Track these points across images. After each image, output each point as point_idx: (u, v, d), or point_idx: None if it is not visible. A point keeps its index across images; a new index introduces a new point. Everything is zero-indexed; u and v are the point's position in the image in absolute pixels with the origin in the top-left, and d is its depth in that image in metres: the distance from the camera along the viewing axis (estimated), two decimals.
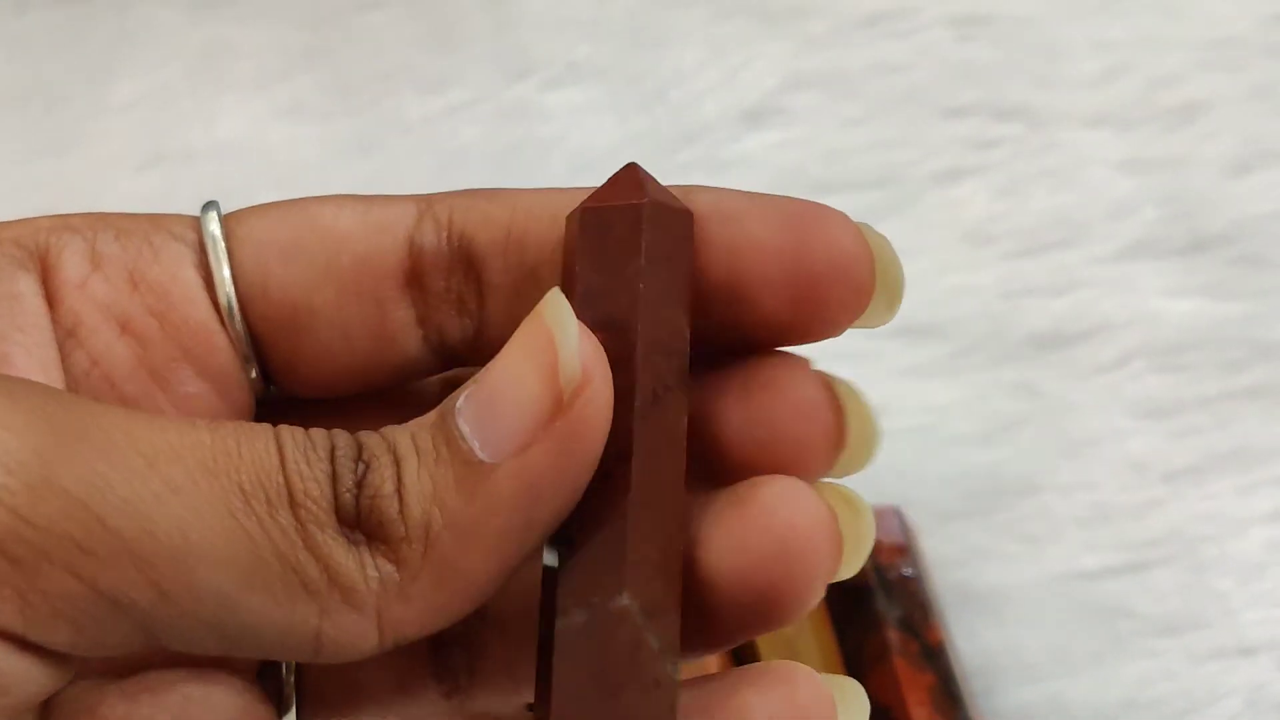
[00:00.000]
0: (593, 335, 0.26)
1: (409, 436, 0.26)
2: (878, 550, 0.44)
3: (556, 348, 0.26)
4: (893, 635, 0.43)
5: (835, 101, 0.57)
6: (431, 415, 0.26)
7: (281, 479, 0.26)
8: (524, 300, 0.28)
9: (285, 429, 0.26)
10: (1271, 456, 0.49)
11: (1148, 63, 0.58)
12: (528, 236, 0.30)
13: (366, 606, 0.26)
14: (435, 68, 0.59)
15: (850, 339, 0.52)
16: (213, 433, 0.26)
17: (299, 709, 0.31)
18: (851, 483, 0.49)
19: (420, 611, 0.26)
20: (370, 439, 0.26)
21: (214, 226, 0.30)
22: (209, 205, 0.30)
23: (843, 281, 0.28)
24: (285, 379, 0.31)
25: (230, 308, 0.30)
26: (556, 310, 0.26)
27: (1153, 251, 0.53)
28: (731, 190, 0.29)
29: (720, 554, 0.27)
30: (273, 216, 0.30)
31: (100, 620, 0.25)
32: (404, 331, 0.30)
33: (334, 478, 0.26)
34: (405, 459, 0.26)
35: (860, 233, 0.28)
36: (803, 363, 0.28)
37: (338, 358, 0.30)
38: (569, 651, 0.26)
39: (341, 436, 0.26)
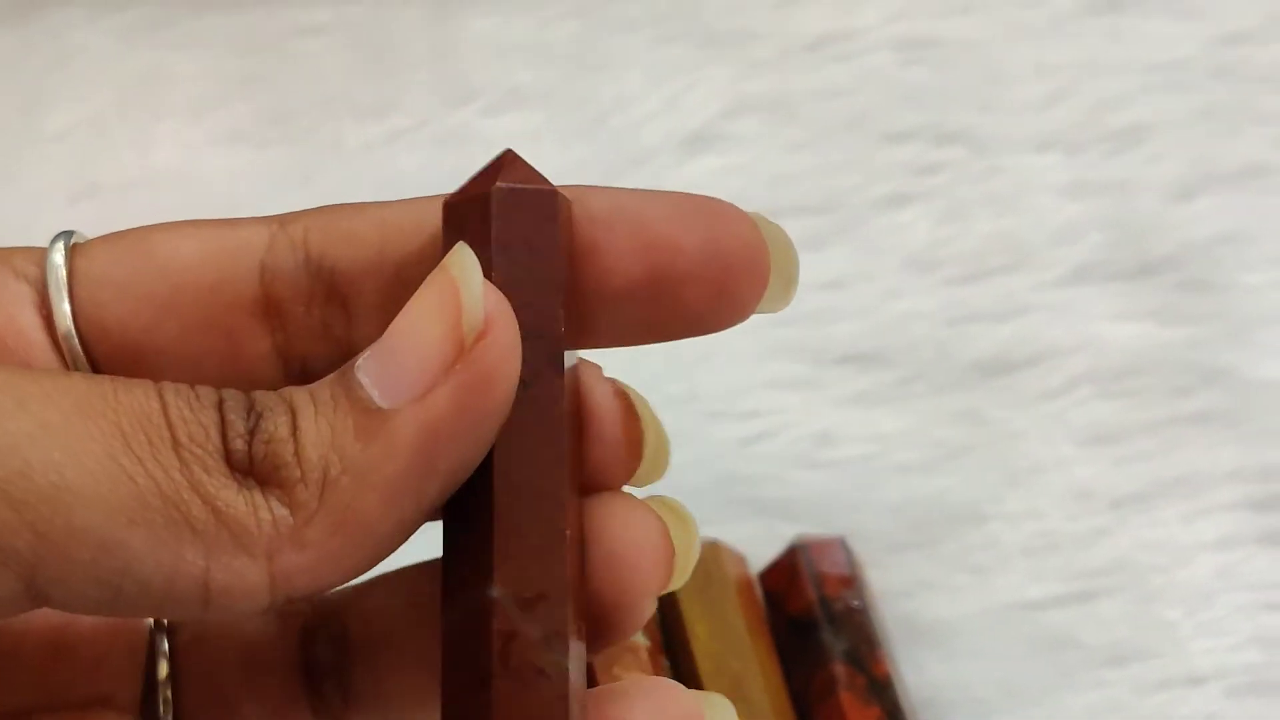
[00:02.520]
0: (498, 290, 0.26)
1: (306, 393, 0.26)
2: (824, 582, 0.44)
3: (460, 295, 0.26)
4: (839, 669, 0.43)
5: (778, 126, 0.57)
6: (331, 375, 0.26)
7: (164, 422, 0.25)
8: None
9: (166, 382, 0.26)
10: (1219, 482, 0.49)
11: (1092, 86, 0.58)
12: (405, 256, 0.29)
13: (257, 550, 0.25)
14: (375, 94, 0.59)
15: (793, 367, 0.52)
16: (87, 379, 0.25)
17: None
18: (798, 511, 0.49)
19: (315, 559, 0.26)
20: (262, 395, 0.26)
21: (58, 259, 0.29)
22: (59, 236, 0.29)
23: (750, 269, 0.29)
24: None
25: (72, 351, 0.29)
26: (461, 261, 0.26)
27: (1098, 276, 0.53)
28: (623, 190, 0.29)
29: None
30: (116, 249, 0.30)
31: None
32: (262, 363, 0.30)
33: (222, 424, 0.26)
34: (302, 409, 0.26)
35: (754, 221, 0.29)
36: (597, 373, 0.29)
37: None
38: (451, 646, 0.26)
39: (229, 391, 0.26)
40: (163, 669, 0.31)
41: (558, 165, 0.56)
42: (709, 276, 0.28)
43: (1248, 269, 0.53)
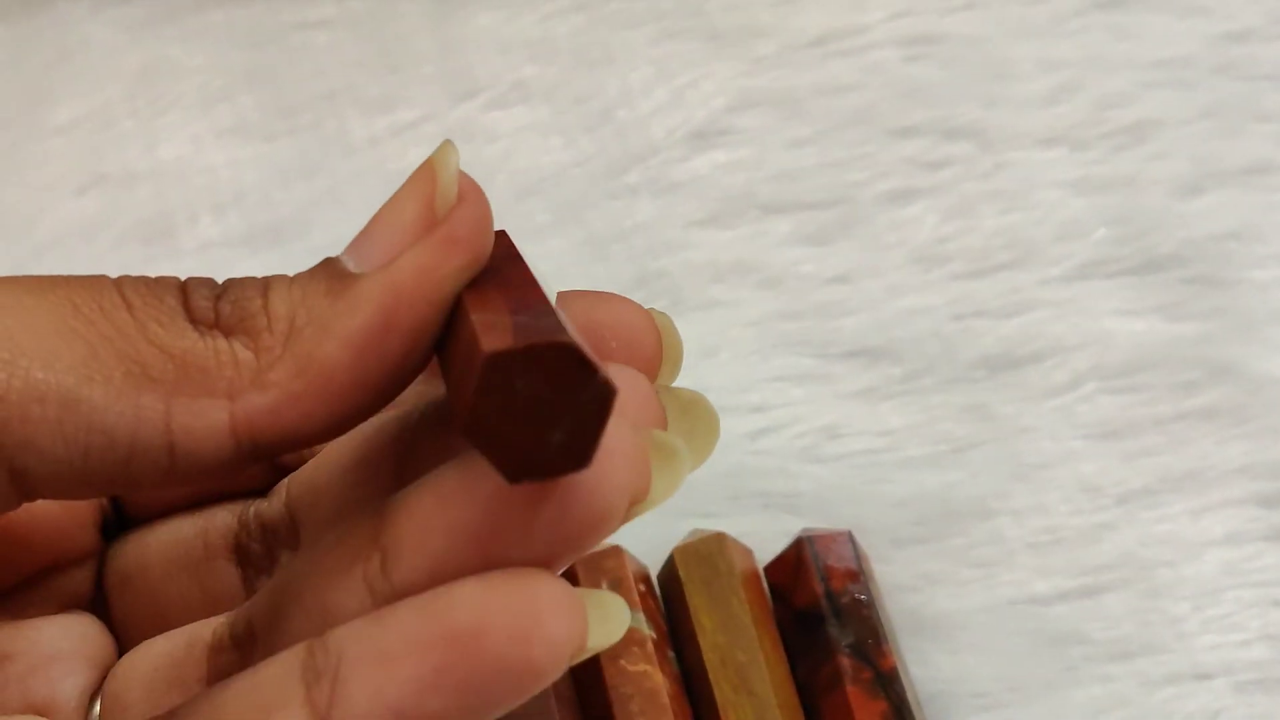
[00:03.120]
0: (471, 178, 0.28)
1: (284, 275, 0.28)
2: (830, 576, 0.44)
3: (436, 177, 0.28)
4: (845, 662, 0.43)
5: (784, 122, 0.57)
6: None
7: (116, 294, 0.26)
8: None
9: (124, 276, 0.27)
10: (1226, 478, 0.49)
11: (1097, 82, 0.58)
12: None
13: (217, 389, 0.26)
14: (380, 88, 0.59)
15: (800, 361, 0.52)
16: (39, 275, 0.27)
17: None
18: (805, 504, 0.49)
19: (277, 400, 0.27)
20: (233, 279, 0.28)
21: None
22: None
23: (644, 358, 0.31)
24: None
25: None
26: (443, 150, 0.28)
27: (1104, 272, 0.53)
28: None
29: None
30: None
31: None
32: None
33: (184, 293, 0.27)
34: (274, 281, 0.27)
35: (649, 316, 0.31)
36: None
37: None
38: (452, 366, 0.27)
39: (195, 277, 0.28)
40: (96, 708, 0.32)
41: (563, 160, 0.56)
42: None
43: (1255, 265, 0.53)
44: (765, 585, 0.45)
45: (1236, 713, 0.45)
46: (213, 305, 0.27)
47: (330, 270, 0.27)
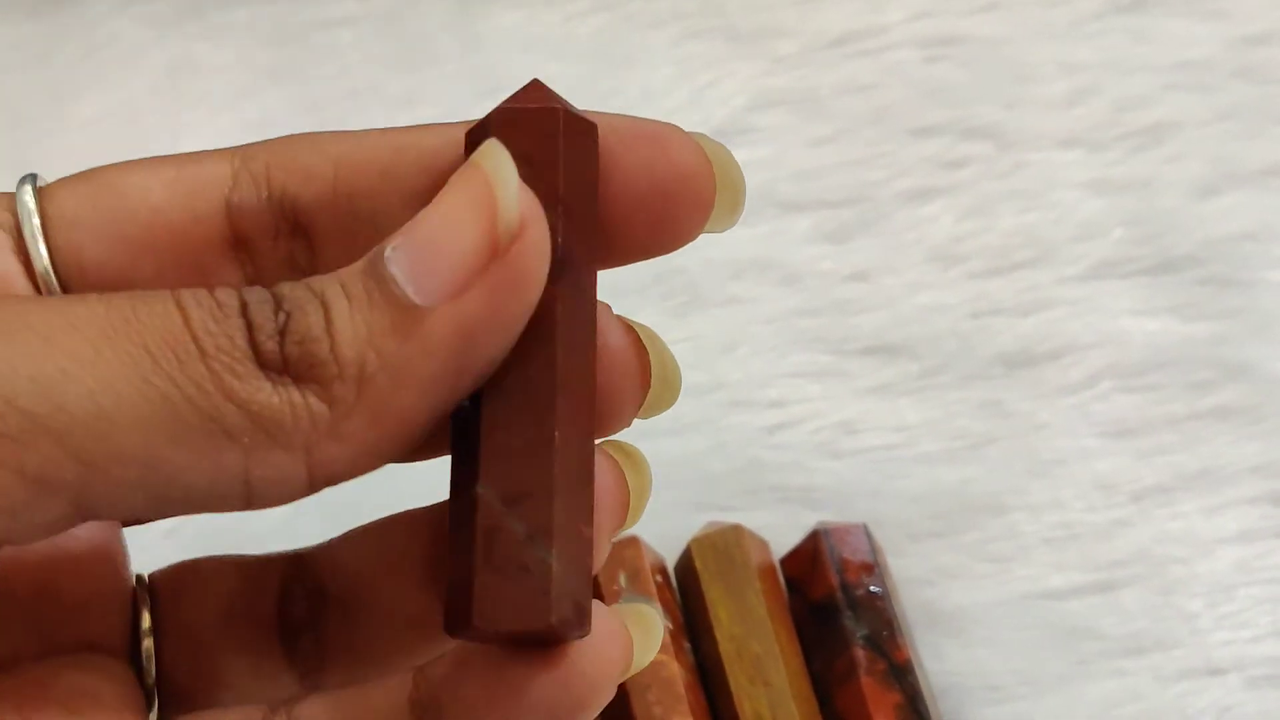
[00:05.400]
0: (530, 190, 0.27)
1: (337, 283, 0.26)
2: (846, 568, 0.44)
3: (495, 195, 0.26)
4: (860, 653, 0.43)
5: (804, 121, 0.57)
6: (359, 263, 0.27)
7: (188, 337, 0.26)
8: (359, 251, 0.28)
9: (186, 290, 0.26)
10: (1239, 476, 0.50)
11: (1116, 84, 0.58)
12: (356, 190, 0.29)
13: (294, 444, 0.26)
14: (403, 86, 0.59)
15: (817, 357, 0.52)
16: (105, 302, 0.26)
17: (162, 700, 0.31)
18: (821, 498, 0.49)
19: (353, 451, 0.26)
20: (291, 288, 0.26)
21: (29, 202, 0.30)
22: (25, 180, 0.30)
23: (694, 192, 0.29)
24: None
25: (50, 290, 0.29)
26: (495, 159, 0.27)
27: (1121, 272, 0.54)
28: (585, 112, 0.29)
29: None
30: (83, 191, 0.30)
31: (31, 504, 0.25)
32: None
33: (250, 328, 0.26)
34: (334, 303, 0.26)
35: (700, 147, 0.29)
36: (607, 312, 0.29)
37: None
38: (452, 541, 0.27)
39: (253, 291, 0.26)
40: (145, 620, 0.31)
41: None
42: (648, 198, 0.29)
43: (1270, 266, 0.53)
44: (781, 577, 0.46)
45: (1248, 708, 0.46)
46: (279, 345, 0.26)
47: (391, 299, 0.26)
